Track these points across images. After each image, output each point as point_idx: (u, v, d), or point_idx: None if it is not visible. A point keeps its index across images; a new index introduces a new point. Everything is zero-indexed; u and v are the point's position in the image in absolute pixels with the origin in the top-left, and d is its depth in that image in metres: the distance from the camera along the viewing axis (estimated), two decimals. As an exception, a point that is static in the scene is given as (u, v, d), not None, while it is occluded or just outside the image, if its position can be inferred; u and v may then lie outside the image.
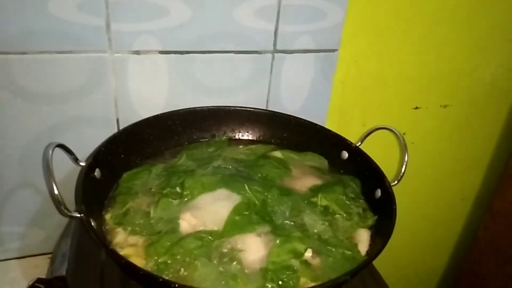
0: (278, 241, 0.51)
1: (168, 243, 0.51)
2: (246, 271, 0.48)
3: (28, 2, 0.57)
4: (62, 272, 0.60)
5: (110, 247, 0.45)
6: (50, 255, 0.76)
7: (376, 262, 0.64)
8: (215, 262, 0.49)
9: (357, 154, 0.66)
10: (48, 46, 0.61)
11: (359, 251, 0.52)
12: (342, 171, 0.68)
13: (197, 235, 0.50)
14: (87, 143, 0.68)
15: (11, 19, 0.57)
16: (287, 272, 0.47)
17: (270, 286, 0.46)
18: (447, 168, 1.05)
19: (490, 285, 1.10)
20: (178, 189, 0.59)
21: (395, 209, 0.54)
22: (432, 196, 1.09)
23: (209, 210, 0.57)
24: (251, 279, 0.47)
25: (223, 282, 0.47)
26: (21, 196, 0.71)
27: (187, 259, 0.50)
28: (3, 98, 0.62)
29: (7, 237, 0.74)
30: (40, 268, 0.76)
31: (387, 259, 0.66)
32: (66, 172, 0.67)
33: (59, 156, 0.57)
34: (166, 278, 0.46)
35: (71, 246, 0.63)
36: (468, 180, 1.11)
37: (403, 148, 0.63)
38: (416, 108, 0.93)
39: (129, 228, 0.54)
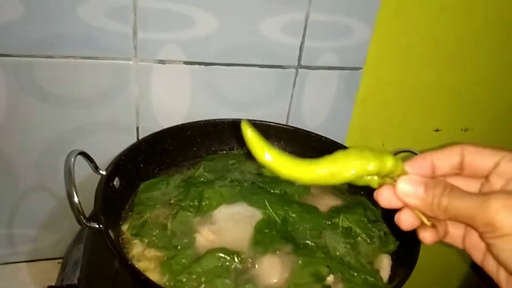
0: (300, 262, 0.49)
1: (184, 260, 0.50)
2: (265, 293, 0.47)
3: (58, 6, 0.57)
4: (74, 280, 0.59)
5: (129, 262, 0.44)
6: (60, 260, 0.76)
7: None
8: (233, 283, 0.48)
9: (379, 176, 0.65)
10: (74, 51, 0.61)
11: (381, 278, 0.51)
12: (362, 192, 0.67)
13: (217, 255, 0.49)
14: (105, 149, 0.67)
15: (39, 22, 0.57)
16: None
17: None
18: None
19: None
20: (196, 202, 0.58)
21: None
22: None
23: (228, 225, 0.55)
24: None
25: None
26: (35, 198, 0.70)
27: (203, 278, 0.48)
28: (25, 100, 0.62)
29: (19, 240, 0.73)
30: (49, 273, 0.75)
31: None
32: (82, 176, 0.66)
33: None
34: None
35: (83, 254, 0.62)
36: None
37: (428, 173, 0.61)
38: (437, 130, 0.91)
39: (146, 240, 0.53)
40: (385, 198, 0.32)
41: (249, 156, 0.72)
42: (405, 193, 0.31)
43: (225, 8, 0.63)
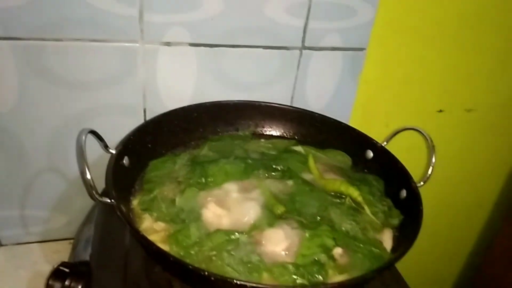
0: (307, 235, 0.51)
1: (189, 232, 0.52)
2: (273, 265, 0.49)
3: (65, -11, 0.58)
4: (86, 257, 0.61)
5: (141, 233, 0.46)
6: (71, 241, 0.78)
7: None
8: (241, 255, 0.50)
9: (383, 154, 0.66)
10: (82, 34, 0.62)
11: (385, 249, 0.52)
12: (366, 170, 0.68)
13: (225, 231, 0.51)
14: (114, 132, 0.67)
15: (48, 6, 0.58)
16: (316, 267, 0.47)
17: (299, 280, 0.47)
18: (467, 173, 1.04)
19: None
20: (203, 179, 0.60)
21: (422, 209, 0.54)
22: (450, 201, 1.08)
23: (235, 200, 0.57)
24: (280, 273, 0.47)
25: (249, 274, 0.48)
26: (47, 180, 0.72)
27: (211, 252, 0.50)
28: (35, 83, 0.63)
29: (31, 221, 0.75)
30: (61, 253, 0.77)
31: (405, 260, 0.66)
32: (92, 159, 0.68)
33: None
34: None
35: (95, 232, 0.64)
36: (488, 186, 1.10)
37: (431, 150, 0.63)
38: (440, 111, 0.92)
39: (155, 214, 0.55)
40: None
41: (253, 137, 0.74)
42: None
43: (230, -11, 0.64)
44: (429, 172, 0.61)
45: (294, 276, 0.47)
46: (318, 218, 0.55)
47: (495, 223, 1.15)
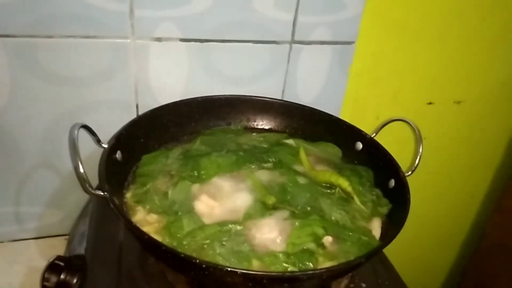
0: (297, 224, 0.52)
1: (182, 224, 0.52)
2: (264, 253, 0.50)
3: (56, -13, 0.59)
4: (81, 251, 0.62)
5: (133, 224, 0.47)
6: (66, 237, 0.78)
7: (386, 253, 0.66)
8: (232, 245, 0.51)
9: (372, 145, 0.67)
10: (74, 30, 0.62)
11: (374, 237, 0.54)
12: (355, 161, 0.69)
13: (217, 222, 0.52)
14: (106, 127, 0.68)
15: (39, 2, 0.59)
16: (306, 255, 0.48)
17: (290, 268, 0.48)
18: (458, 165, 1.06)
19: (497, 282, 1.10)
20: (195, 173, 0.61)
21: (409, 197, 0.55)
22: (442, 192, 1.09)
23: (227, 192, 0.58)
24: (271, 262, 0.48)
25: (239, 263, 0.49)
26: (40, 176, 0.72)
27: (203, 242, 0.51)
28: (28, 80, 0.64)
29: (26, 217, 0.76)
30: (57, 248, 0.77)
31: (397, 251, 0.67)
32: (84, 155, 0.68)
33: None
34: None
35: (89, 226, 0.65)
36: (479, 177, 1.11)
37: (418, 139, 0.64)
38: (430, 103, 0.93)
39: (148, 206, 0.56)
40: None
41: (245, 131, 0.75)
42: None
43: (219, -16, 0.65)
44: (417, 161, 0.62)
45: (285, 264, 0.48)
46: (309, 208, 0.56)
47: (486, 214, 1.17)
